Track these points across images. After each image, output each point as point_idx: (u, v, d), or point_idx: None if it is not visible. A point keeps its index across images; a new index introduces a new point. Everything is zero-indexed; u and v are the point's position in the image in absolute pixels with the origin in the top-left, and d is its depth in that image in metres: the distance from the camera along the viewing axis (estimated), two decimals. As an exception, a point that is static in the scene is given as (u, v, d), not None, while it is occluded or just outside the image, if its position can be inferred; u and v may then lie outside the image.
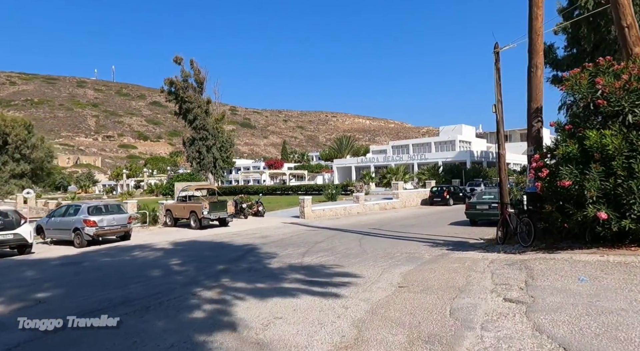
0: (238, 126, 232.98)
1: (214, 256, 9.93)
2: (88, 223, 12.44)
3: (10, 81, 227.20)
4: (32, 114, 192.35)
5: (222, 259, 9.44)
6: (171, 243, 12.77)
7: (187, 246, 11.94)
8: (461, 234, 12.89)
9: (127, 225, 13.52)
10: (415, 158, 53.75)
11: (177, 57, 46.50)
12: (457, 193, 28.15)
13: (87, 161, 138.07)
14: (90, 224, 12.44)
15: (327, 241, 12.03)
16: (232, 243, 12.42)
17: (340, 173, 61.15)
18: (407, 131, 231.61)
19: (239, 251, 10.79)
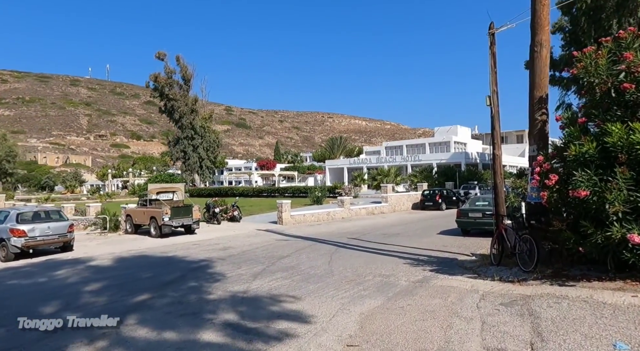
0: (233, 126, 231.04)
1: (148, 278, 8.15)
2: (15, 232, 10.61)
3: (2, 78, 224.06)
4: (22, 112, 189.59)
5: (154, 283, 7.68)
6: (115, 257, 10.96)
7: (130, 262, 10.14)
8: (450, 248, 11.19)
9: (66, 235, 11.68)
10: (409, 159, 52.11)
11: (159, 53, 44.74)
12: (450, 196, 26.49)
13: (77, 161, 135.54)
14: (17, 234, 10.62)
15: (294, 256, 10.28)
16: (185, 257, 10.64)
17: (332, 174, 59.42)
18: (404, 133, 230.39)
19: (184, 269, 9.03)
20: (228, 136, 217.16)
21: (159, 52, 44.69)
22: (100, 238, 15.84)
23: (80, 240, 14.98)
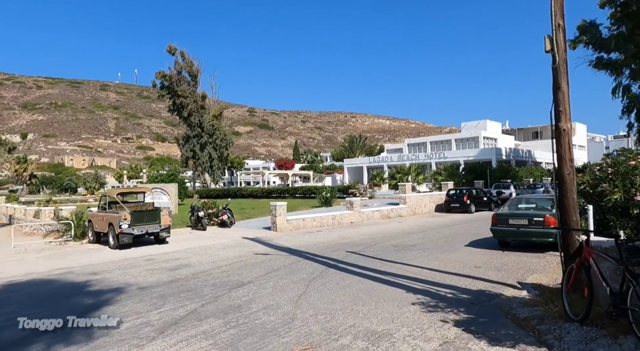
0: (256, 127, 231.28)
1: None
2: None
3: (37, 85, 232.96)
4: (55, 117, 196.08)
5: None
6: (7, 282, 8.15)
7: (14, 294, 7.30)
8: (485, 270, 7.83)
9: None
10: (433, 157, 48.13)
11: (170, 46, 42.69)
12: (480, 196, 22.75)
13: (102, 163, 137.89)
14: None
15: (256, 284, 7.22)
16: (103, 283, 7.73)
17: (351, 174, 56.09)
18: (429, 131, 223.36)
19: (73, 307, 6.11)
20: (251, 137, 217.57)
21: (170, 45, 42.62)
22: (52, 248, 13.30)
23: (16, 253, 12.49)
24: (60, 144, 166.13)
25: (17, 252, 12.70)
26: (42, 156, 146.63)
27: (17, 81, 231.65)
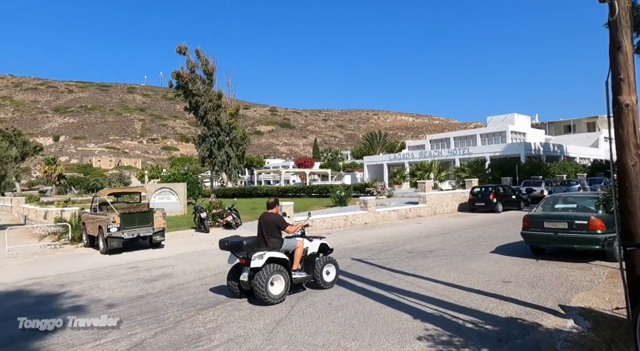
0: (277, 126, 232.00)
1: None
2: None
3: (69, 89, 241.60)
4: (85, 119, 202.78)
5: None
6: None
7: None
8: (515, 286, 6.36)
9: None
10: (456, 153, 45.83)
11: (180, 46, 42.19)
12: (508, 194, 20.87)
13: (128, 163, 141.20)
14: None
15: (231, 303, 6.04)
16: (60, 296, 6.78)
17: (370, 172, 54.41)
18: (453, 127, 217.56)
19: None
20: (272, 137, 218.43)
21: (180, 45, 42.16)
22: (44, 252, 12.59)
23: (4, 258, 11.80)
24: (89, 145, 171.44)
25: (7, 256, 12.05)
26: (72, 158, 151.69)
27: (50, 86, 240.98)
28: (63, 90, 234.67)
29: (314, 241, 6.72)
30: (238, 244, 6.05)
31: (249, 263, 5.86)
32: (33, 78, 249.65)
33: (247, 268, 5.95)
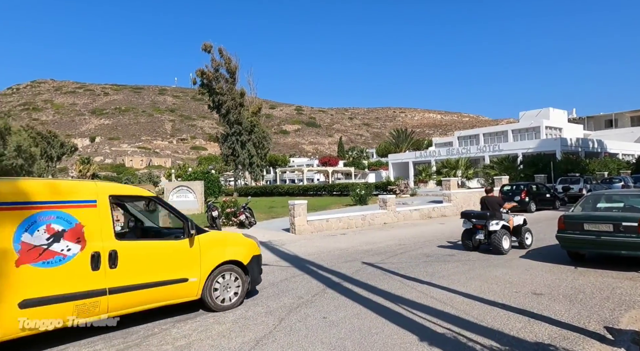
0: (303, 125, 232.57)
1: None
2: None
3: (105, 92, 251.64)
4: (119, 121, 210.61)
5: None
6: None
7: None
8: (550, 301, 5.34)
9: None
10: (486, 150, 43.73)
11: (205, 44, 42.34)
12: (542, 193, 19.31)
13: (158, 163, 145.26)
14: None
15: (215, 314, 5.34)
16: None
17: (396, 170, 52.97)
18: (484, 124, 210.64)
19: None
20: (298, 136, 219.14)
21: (205, 43, 42.34)
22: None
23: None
24: (123, 145, 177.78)
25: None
26: (106, 157, 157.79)
27: (87, 89, 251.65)
28: (99, 93, 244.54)
29: (517, 216, 9.71)
30: (481, 215, 9.25)
31: (485, 228, 9.06)
32: (72, 82, 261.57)
33: (481, 231, 9.18)
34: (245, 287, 5.63)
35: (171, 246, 5.08)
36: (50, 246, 4.06)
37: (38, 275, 3.95)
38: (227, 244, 5.63)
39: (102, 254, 4.35)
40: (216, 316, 5.20)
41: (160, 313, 5.36)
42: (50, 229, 4.08)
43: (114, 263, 4.42)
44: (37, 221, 4.02)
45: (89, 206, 4.41)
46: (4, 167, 19.88)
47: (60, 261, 4.10)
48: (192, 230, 5.14)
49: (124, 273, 4.49)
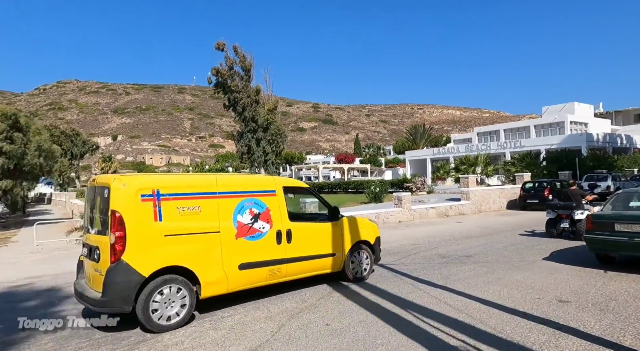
0: (320, 122, 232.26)
1: None
2: None
3: (126, 91, 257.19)
4: (139, 119, 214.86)
5: None
6: None
7: None
8: (578, 310, 4.83)
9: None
10: (507, 146, 42.41)
11: (218, 43, 42.35)
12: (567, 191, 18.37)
13: (177, 161, 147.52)
14: None
15: (213, 319, 5.07)
16: (28, 307, 6.14)
17: (413, 167, 52.08)
18: (505, 120, 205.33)
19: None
20: (315, 133, 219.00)
21: (218, 42, 42.40)
22: (67, 248, 12.49)
23: (28, 253, 11.78)
24: (143, 144, 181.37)
25: (32, 251, 12.07)
26: (127, 155, 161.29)
27: (110, 89, 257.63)
28: (121, 92, 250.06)
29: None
30: (567, 206, 10.36)
31: (569, 217, 10.14)
32: (95, 82, 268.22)
33: (565, 220, 10.24)
34: (372, 263, 6.83)
35: (322, 227, 6.27)
36: (253, 225, 5.39)
37: (248, 246, 5.28)
38: (359, 227, 6.70)
39: (282, 232, 5.64)
40: (213, 321, 4.90)
41: (156, 316, 5.09)
42: (252, 212, 5.40)
43: (289, 239, 5.69)
44: (244, 206, 5.36)
45: (272, 195, 5.69)
46: (25, 166, 20.18)
47: (259, 236, 5.42)
48: (337, 215, 6.41)
49: (296, 247, 5.75)
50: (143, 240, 4.52)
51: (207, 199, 5.07)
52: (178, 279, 4.67)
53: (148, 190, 4.70)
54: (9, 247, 13.53)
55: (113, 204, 4.49)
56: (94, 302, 4.44)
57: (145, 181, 4.90)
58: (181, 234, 4.78)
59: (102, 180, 4.99)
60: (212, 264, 4.95)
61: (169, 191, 4.82)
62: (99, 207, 4.84)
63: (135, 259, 4.43)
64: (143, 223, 4.55)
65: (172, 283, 4.64)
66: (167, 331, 4.53)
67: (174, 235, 4.72)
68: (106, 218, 4.54)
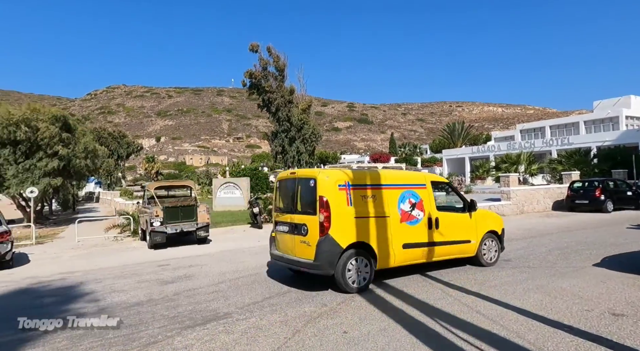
0: (355, 122, 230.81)
1: None
2: None
3: (168, 95, 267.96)
4: (181, 121, 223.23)
5: None
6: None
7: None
8: (635, 328, 4.18)
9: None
10: (553, 144, 39.91)
11: (252, 45, 42.84)
12: (621, 190, 16.86)
13: (215, 161, 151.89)
14: None
15: (228, 321, 4.90)
16: (65, 298, 6.25)
17: (450, 166, 50.30)
18: (551, 117, 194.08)
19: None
20: (350, 132, 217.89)
21: (252, 43, 42.92)
22: (105, 245, 12.93)
23: (69, 249, 12.28)
24: (184, 145, 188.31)
25: (72, 247, 12.60)
26: (169, 156, 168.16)
27: (154, 93, 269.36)
28: (164, 96, 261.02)
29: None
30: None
31: None
32: (141, 86, 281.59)
33: None
34: (499, 251, 7.59)
35: (461, 217, 7.17)
36: (411, 212, 6.43)
37: (408, 230, 6.35)
38: (489, 218, 7.60)
39: (432, 219, 6.60)
40: (228, 323, 4.72)
41: (170, 317, 5.00)
42: (410, 201, 6.44)
43: (437, 226, 6.63)
44: (404, 196, 6.41)
45: (423, 188, 6.70)
46: (73, 166, 21.23)
47: (415, 222, 6.45)
48: (474, 207, 7.25)
49: (442, 232, 6.69)
50: (341, 220, 5.77)
51: (379, 190, 6.24)
52: (363, 252, 5.90)
53: (342, 181, 5.95)
54: (54, 243, 14.23)
55: (320, 191, 5.78)
56: (307, 265, 5.78)
57: (340, 174, 6.12)
58: (364, 217, 5.96)
59: (306, 173, 6.41)
60: (385, 242, 6.08)
61: (355, 183, 6.05)
62: (301, 194, 6.15)
63: (337, 234, 5.69)
64: (340, 206, 5.81)
65: (359, 256, 5.87)
66: (356, 292, 5.78)
67: (360, 217, 5.92)
68: (313, 202, 5.82)
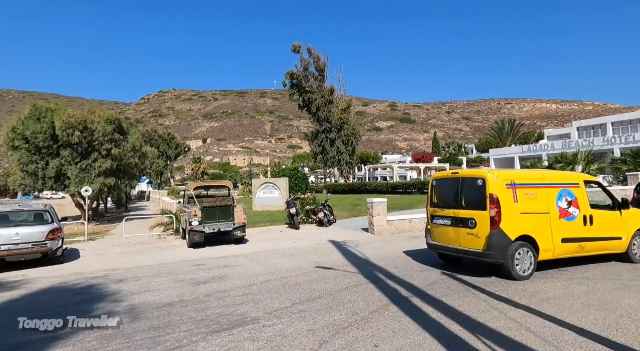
0: (397, 121, 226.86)
1: None
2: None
3: (214, 98, 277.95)
4: (225, 123, 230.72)
5: None
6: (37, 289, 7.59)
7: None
8: None
9: (45, 243, 8.99)
10: (615, 141, 36.66)
11: (294, 45, 43.32)
12: (698, 194, 14.96)
13: (258, 161, 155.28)
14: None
15: (254, 327, 4.75)
16: (100, 295, 6.40)
17: (498, 165, 47.75)
18: (613, 113, 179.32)
19: None
20: (392, 132, 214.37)
21: (294, 44, 43.35)
22: (149, 242, 13.40)
23: (116, 246, 12.82)
24: (228, 146, 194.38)
25: (119, 244, 13.19)
26: (214, 157, 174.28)
27: (201, 96, 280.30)
28: (210, 99, 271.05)
29: None
30: None
31: None
32: (189, 90, 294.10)
33: None
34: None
35: (612, 214, 7.47)
36: (568, 209, 6.94)
37: (566, 225, 6.86)
38: (638, 217, 7.78)
39: (587, 216, 7.06)
40: (254, 329, 4.56)
41: (197, 320, 4.93)
42: (566, 199, 6.95)
43: (591, 223, 7.08)
44: (561, 194, 6.94)
45: (577, 187, 7.16)
46: (124, 165, 22.30)
47: (572, 218, 6.95)
48: (626, 206, 7.57)
49: (595, 228, 7.10)
50: (509, 215, 6.43)
51: (540, 188, 6.83)
52: (527, 244, 6.52)
53: (509, 180, 6.62)
54: (105, 239, 15.00)
55: (490, 189, 6.47)
56: (476, 254, 6.58)
57: (506, 174, 6.80)
58: (529, 213, 6.62)
59: (472, 173, 7.05)
60: (546, 236, 6.67)
61: (520, 182, 6.71)
62: (467, 191, 6.84)
63: (506, 227, 6.38)
64: (508, 203, 6.48)
65: (524, 247, 6.50)
66: (522, 280, 6.36)
67: (525, 213, 6.59)
68: (480, 198, 6.54)
